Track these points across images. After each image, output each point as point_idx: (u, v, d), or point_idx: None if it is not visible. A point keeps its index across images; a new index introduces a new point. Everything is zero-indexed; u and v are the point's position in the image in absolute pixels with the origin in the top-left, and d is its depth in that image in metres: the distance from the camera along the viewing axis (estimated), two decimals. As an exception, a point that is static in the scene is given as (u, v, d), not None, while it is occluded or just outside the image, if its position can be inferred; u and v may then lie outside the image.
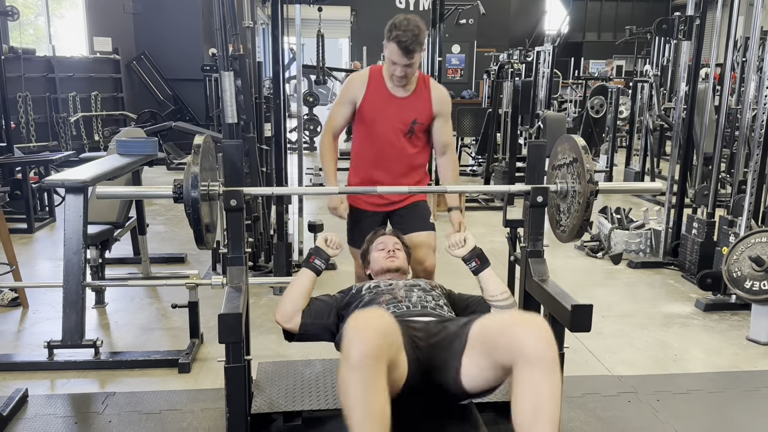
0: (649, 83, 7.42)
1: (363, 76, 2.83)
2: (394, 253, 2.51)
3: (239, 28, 4.34)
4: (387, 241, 2.57)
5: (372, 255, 2.58)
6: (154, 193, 2.34)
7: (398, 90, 2.78)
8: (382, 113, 2.78)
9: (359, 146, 2.92)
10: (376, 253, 2.54)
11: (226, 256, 2.35)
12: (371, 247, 2.60)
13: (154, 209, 6.59)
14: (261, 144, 4.83)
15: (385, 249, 2.52)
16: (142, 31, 10.82)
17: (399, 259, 2.51)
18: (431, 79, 2.90)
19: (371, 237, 2.65)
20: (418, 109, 2.81)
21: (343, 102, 2.85)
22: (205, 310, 3.63)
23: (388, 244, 2.55)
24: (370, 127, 2.82)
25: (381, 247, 2.55)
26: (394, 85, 2.77)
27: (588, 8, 21.52)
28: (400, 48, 2.57)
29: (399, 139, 2.82)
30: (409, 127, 2.81)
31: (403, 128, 2.80)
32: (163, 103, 10.83)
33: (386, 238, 2.60)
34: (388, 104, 2.78)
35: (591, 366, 3.17)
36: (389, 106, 2.78)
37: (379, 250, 2.54)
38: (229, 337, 1.97)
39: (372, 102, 2.79)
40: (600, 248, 5.05)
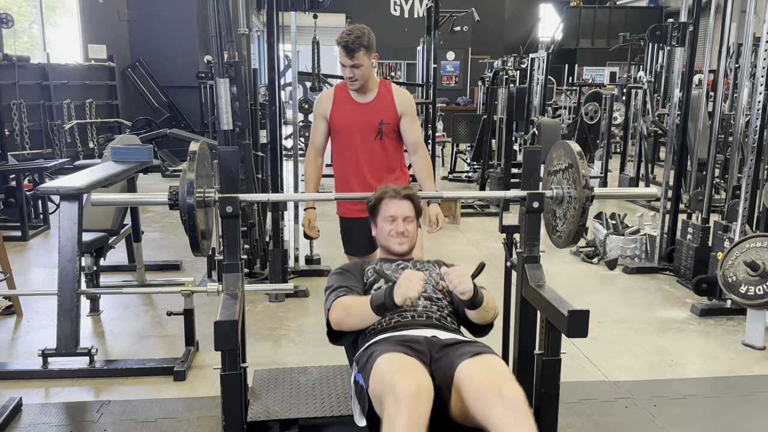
0: (643, 89, 7.45)
1: (329, 93, 3.06)
2: (404, 234, 2.30)
3: (234, 35, 4.35)
4: (398, 213, 2.31)
5: (380, 222, 2.35)
6: (150, 200, 2.33)
7: (361, 97, 2.97)
8: (350, 120, 2.97)
9: (337, 158, 3.10)
10: (385, 224, 2.32)
11: (222, 263, 2.35)
12: (380, 208, 2.34)
13: (150, 216, 6.57)
14: (256, 151, 4.83)
15: (396, 227, 2.30)
16: (137, 38, 10.82)
17: (408, 240, 2.32)
18: (392, 83, 3.09)
19: (381, 193, 2.35)
20: (382, 110, 2.97)
21: (317, 120, 3.06)
22: (201, 318, 3.62)
23: (398, 219, 2.31)
24: (342, 136, 3.01)
25: (391, 218, 2.31)
26: (355, 92, 2.96)
27: (582, 15, 21.58)
28: (343, 48, 2.82)
29: (371, 143, 2.99)
30: (377, 128, 2.98)
31: (371, 131, 2.97)
32: (158, 111, 10.81)
33: (398, 208, 2.31)
34: (354, 111, 2.97)
35: (588, 371, 3.16)
36: (355, 113, 2.97)
37: (388, 221, 2.31)
38: (225, 344, 1.96)
39: (339, 112, 2.99)
40: (595, 254, 5.06)
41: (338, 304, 2.10)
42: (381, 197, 2.33)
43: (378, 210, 2.34)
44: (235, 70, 4.25)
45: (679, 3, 4.44)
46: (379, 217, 2.34)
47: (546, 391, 2.27)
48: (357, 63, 2.83)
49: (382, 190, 2.35)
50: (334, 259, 4.90)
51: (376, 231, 2.36)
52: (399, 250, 2.31)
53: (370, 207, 2.37)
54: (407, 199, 2.33)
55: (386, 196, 2.33)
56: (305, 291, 4.28)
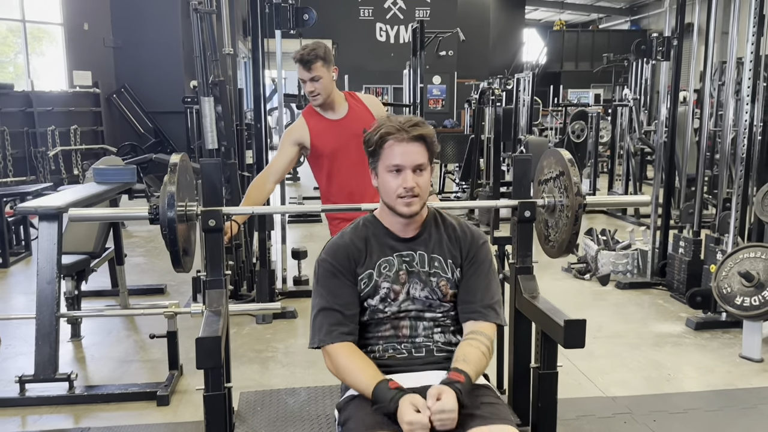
0: (629, 107, 7.49)
1: (299, 121, 2.95)
2: (413, 192, 1.69)
3: (219, 54, 4.31)
4: (406, 160, 1.69)
5: (381, 171, 1.74)
6: (130, 214, 2.27)
7: (334, 114, 2.92)
8: (335, 138, 2.88)
9: (328, 183, 2.95)
10: (388, 177, 1.72)
11: (205, 279, 2.27)
12: (382, 153, 1.73)
13: (134, 241, 6.46)
14: (243, 171, 4.77)
15: (404, 181, 1.69)
16: (122, 64, 10.80)
17: (419, 199, 1.72)
18: (356, 93, 3.06)
19: (384, 131, 1.72)
20: (361, 118, 2.91)
21: (285, 147, 2.91)
22: (185, 341, 3.51)
23: (407, 170, 1.69)
24: (330, 157, 2.89)
25: (396, 168, 1.71)
26: (326, 112, 2.91)
27: (565, 39, 21.94)
28: (299, 63, 2.80)
29: (361, 152, 2.85)
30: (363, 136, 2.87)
31: (359, 140, 2.85)
32: (143, 136, 10.75)
33: (407, 154, 1.69)
34: (336, 128, 2.89)
35: (584, 387, 3.09)
36: (337, 129, 2.89)
37: (393, 172, 1.71)
38: (207, 362, 1.87)
39: (320, 134, 2.89)
40: (587, 270, 5.01)
41: (333, 356, 1.71)
42: (383, 137, 1.71)
43: (379, 155, 1.74)
44: (219, 90, 4.21)
45: (660, 26, 4.50)
46: (381, 164, 1.74)
47: (543, 405, 2.19)
48: (315, 75, 2.79)
49: (385, 128, 1.72)
50: (322, 280, 4.80)
51: (377, 181, 1.78)
52: (407, 212, 1.72)
53: (369, 150, 1.78)
54: (418, 141, 1.70)
55: (390, 136, 1.70)
56: (293, 312, 4.19)
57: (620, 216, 7.50)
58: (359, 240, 1.81)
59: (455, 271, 1.81)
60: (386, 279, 1.78)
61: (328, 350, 1.73)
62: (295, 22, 4.11)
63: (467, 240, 1.84)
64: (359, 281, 1.78)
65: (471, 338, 1.74)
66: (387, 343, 1.80)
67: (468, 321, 1.79)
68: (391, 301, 1.78)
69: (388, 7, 17.64)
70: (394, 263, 1.79)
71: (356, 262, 1.79)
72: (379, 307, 1.78)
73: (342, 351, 1.71)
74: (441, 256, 1.81)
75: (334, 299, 1.75)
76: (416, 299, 1.79)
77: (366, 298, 1.78)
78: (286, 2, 4.13)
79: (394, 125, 1.72)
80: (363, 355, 1.73)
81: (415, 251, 1.80)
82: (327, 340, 1.72)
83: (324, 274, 1.79)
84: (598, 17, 24.54)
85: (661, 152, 4.80)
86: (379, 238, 1.81)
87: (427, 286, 1.79)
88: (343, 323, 1.74)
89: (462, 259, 1.82)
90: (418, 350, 1.79)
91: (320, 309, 1.77)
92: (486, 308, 1.79)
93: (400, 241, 1.81)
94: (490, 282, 1.83)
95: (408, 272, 1.79)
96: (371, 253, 1.80)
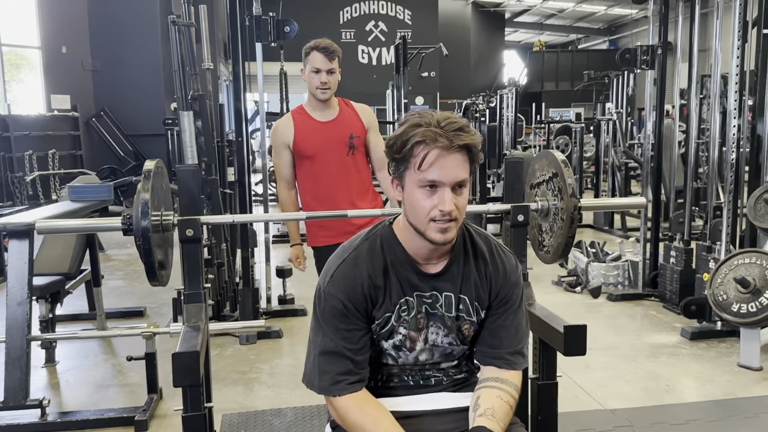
0: (612, 120, 7.49)
1: (286, 119, 2.90)
2: (451, 215, 1.35)
3: (198, 68, 4.22)
4: (447, 176, 1.33)
5: (410, 185, 1.37)
6: (102, 225, 2.14)
7: (324, 115, 2.86)
8: (317, 141, 2.83)
9: (307, 184, 2.91)
10: (421, 194, 1.36)
11: (183, 293, 2.14)
12: (413, 162, 1.35)
13: (113, 265, 6.29)
14: (224, 188, 4.65)
15: (442, 202, 1.33)
16: (101, 87, 10.68)
17: (455, 224, 1.37)
18: (350, 101, 2.99)
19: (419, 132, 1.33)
20: (349, 124, 2.87)
21: (278, 150, 2.88)
22: (165, 364, 3.34)
23: (446, 188, 1.34)
24: (312, 158, 2.84)
25: (431, 185, 1.34)
26: (318, 103, 2.83)
27: (545, 59, 22.17)
28: (322, 53, 2.76)
29: (343, 159, 2.85)
30: (349, 143, 2.86)
31: (344, 147, 2.85)
32: (123, 160, 10.59)
33: (447, 168, 1.33)
34: (321, 131, 2.84)
35: (582, 401, 2.98)
36: (323, 132, 2.84)
37: (426, 189, 1.35)
38: (185, 378, 1.75)
39: (305, 135, 2.83)
40: (578, 283, 4.92)
41: (339, 410, 1.44)
42: (420, 141, 1.33)
43: (408, 163, 1.36)
44: (199, 104, 4.11)
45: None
46: (410, 175, 1.36)
47: (543, 419, 2.08)
48: (333, 68, 2.78)
49: (421, 132, 1.33)
50: (308, 300, 4.66)
51: (400, 194, 1.41)
52: (441, 239, 1.37)
53: (395, 156, 1.38)
54: (462, 151, 1.34)
55: (428, 140, 1.32)
56: (279, 332, 4.04)
57: (607, 230, 7.46)
58: (378, 273, 1.45)
59: (480, 313, 1.51)
60: (404, 324, 1.47)
61: (333, 402, 1.45)
62: (276, 35, 4.02)
63: (499, 278, 1.50)
64: (375, 324, 1.47)
65: (497, 387, 1.47)
66: (391, 374, 1.55)
67: (490, 366, 1.51)
68: (407, 350, 1.50)
69: (369, 30, 17.73)
70: (413, 305, 1.47)
71: (374, 302, 1.45)
72: (391, 353, 1.51)
73: (351, 404, 1.43)
74: (468, 296, 1.49)
75: (343, 343, 1.43)
76: (437, 346, 1.51)
77: (379, 340, 1.49)
78: (267, 14, 4.05)
79: (433, 128, 1.33)
80: (376, 406, 1.44)
81: (441, 292, 1.48)
82: (333, 391, 1.43)
83: (331, 312, 1.43)
84: (576, 38, 24.91)
85: (648, 163, 4.76)
86: (400, 272, 1.46)
87: (451, 333, 1.50)
88: (352, 372, 1.43)
89: (491, 300, 1.51)
90: (427, 381, 1.55)
91: (325, 352, 1.44)
92: (513, 355, 1.51)
93: (424, 279, 1.47)
94: (520, 323, 1.54)
95: (428, 315, 1.48)
96: (390, 292, 1.45)
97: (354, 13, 17.56)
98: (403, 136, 1.35)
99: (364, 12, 17.53)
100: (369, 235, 1.50)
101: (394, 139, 1.38)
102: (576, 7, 20.66)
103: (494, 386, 1.48)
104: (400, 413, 1.47)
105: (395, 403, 1.51)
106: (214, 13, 6.85)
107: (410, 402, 1.53)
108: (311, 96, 2.84)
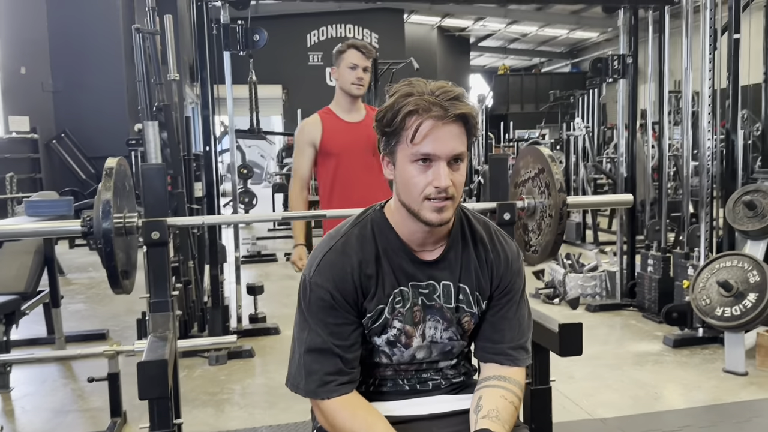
0: (582, 135, 7.52)
1: (313, 119, 2.88)
2: (447, 192, 1.22)
3: (164, 78, 4.08)
4: (442, 149, 1.21)
5: (401, 160, 1.25)
6: (61, 228, 1.98)
7: (351, 116, 2.86)
8: (345, 140, 2.82)
9: (330, 184, 2.87)
10: (414, 170, 1.23)
11: (148, 302, 1.98)
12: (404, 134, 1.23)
13: (74, 288, 6.02)
14: (192, 204, 4.48)
15: (437, 179, 1.21)
16: (62, 109, 10.36)
17: (452, 202, 1.25)
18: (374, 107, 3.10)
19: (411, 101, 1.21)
20: None
21: (303, 148, 2.86)
22: (129, 387, 3.14)
23: (440, 163, 1.22)
24: (338, 157, 2.83)
25: (425, 159, 1.22)
26: (347, 104, 2.84)
27: (510, 82, 22.45)
28: (360, 50, 2.77)
29: (369, 159, 2.79)
30: (374, 145, 2.75)
31: (369, 148, 2.80)
32: (85, 183, 10.26)
33: (442, 141, 1.21)
34: (349, 131, 2.83)
35: (570, 411, 2.87)
36: (351, 132, 2.83)
37: (420, 164, 1.23)
38: (152, 390, 1.59)
39: (332, 135, 2.83)
40: (555, 294, 4.85)
41: (328, 414, 1.30)
42: (413, 110, 1.21)
43: (399, 136, 1.24)
44: (165, 115, 3.96)
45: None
46: (402, 149, 1.25)
47: (538, 426, 1.98)
48: (368, 66, 2.79)
49: (413, 100, 1.21)
50: (280, 318, 4.50)
51: (391, 172, 1.29)
52: (436, 220, 1.25)
53: (386, 129, 1.26)
54: (459, 122, 1.23)
55: (420, 109, 1.20)
56: (250, 351, 3.86)
57: (579, 244, 7.45)
58: (369, 261, 1.31)
59: (481, 304, 1.38)
60: (399, 317, 1.34)
61: (321, 406, 1.31)
62: (245, 44, 3.91)
63: (501, 265, 1.38)
64: (367, 318, 1.33)
65: (500, 386, 1.34)
66: (384, 377, 1.42)
67: (491, 363, 1.38)
68: (402, 346, 1.36)
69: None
70: (408, 297, 1.33)
71: (365, 293, 1.31)
72: (385, 350, 1.37)
73: (341, 408, 1.29)
74: (468, 285, 1.36)
75: (332, 339, 1.29)
76: (435, 343, 1.37)
77: (371, 336, 1.35)
78: (235, 23, 3.94)
79: (426, 97, 1.20)
80: (368, 410, 1.31)
81: (438, 281, 1.35)
82: (321, 394, 1.29)
83: (318, 304, 1.29)
84: (540, 61, 25.33)
85: (621, 176, 4.76)
86: (393, 259, 1.33)
87: (451, 326, 1.37)
88: (342, 371, 1.30)
89: (492, 290, 1.38)
90: (423, 385, 1.42)
91: (312, 349, 1.30)
92: (516, 350, 1.38)
93: (419, 266, 1.34)
94: (522, 316, 1.41)
95: (425, 307, 1.35)
96: (383, 281, 1.32)
97: (321, 36, 17.57)
98: (394, 106, 1.23)
99: (332, 35, 17.55)
100: (358, 221, 1.37)
101: (384, 111, 1.25)
102: (539, 31, 21.04)
103: (497, 385, 1.34)
104: (395, 418, 1.33)
105: (389, 407, 1.37)
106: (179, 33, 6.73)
107: (405, 406, 1.39)
108: (342, 95, 2.83)
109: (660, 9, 4.39)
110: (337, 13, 17.31)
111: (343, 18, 17.52)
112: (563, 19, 19.04)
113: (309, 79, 17.38)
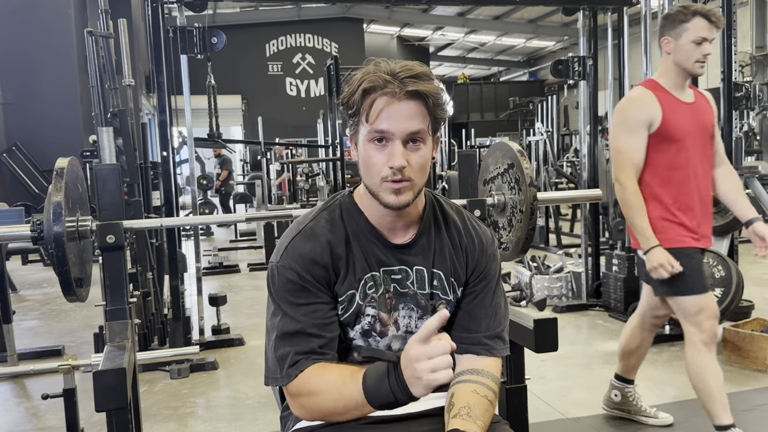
0: (543, 140, 7.60)
1: (642, 92, 2.37)
2: (403, 175, 1.18)
3: (118, 83, 3.95)
4: (395, 127, 1.17)
5: (363, 140, 1.21)
6: (9, 234, 1.86)
7: (684, 95, 2.38)
8: (688, 123, 2.34)
9: (666, 175, 2.34)
10: (372, 150, 1.19)
11: (105, 309, 1.88)
12: (363, 114, 1.19)
13: (27, 305, 5.78)
14: (149, 213, 4.34)
15: (393, 159, 1.17)
16: (13, 121, 10.02)
17: (409, 185, 1.20)
18: None
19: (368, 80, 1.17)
20: (708, 111, 2.43)
21: (635, 128, 2.32)
22: (88, 404, 3.00)
23: (395, 141, 1.17)
24: (680, 143, 2.33)
25: (382, 136, 1.18)
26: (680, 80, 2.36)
27: (469, 91, 22.67)
28: (709, 20, 2.25)
29: (707, 150, 2.40)
30: (711, 132, 2.42)
31: (708, 136, 2.40)
32: (38, 197, 9.91)
33: (397, 117, 1.17)
34: (690, 112, 2.36)
35: (543, 412, 2.84)
36: (691, 114, 2.36)
37: (375, 142, 1.19)
38: (110, 401, 1.50)
39: (674, 114, 2.32)
40: (522, 297, 4.85)
41: (299, 388, 1.22)
42: (369, 87, 1.17)
43: (359, 116, 1.21)
44: (120, 121, 3.84)
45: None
46: (362, 129, 1.21)
47: (514, 425, 1.92)
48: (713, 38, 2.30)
49: (369, 77, 1.17)
50: (244, 329, 4.39)
51: (355, 153, 1.25)
52: (393, 202, 1.20)
53: (349, 111, 1.22)
54: (416, 99, 1.18)
55: (376, 86, 1.17)
56: (214, 363, 3.74)
57: (543, 247, 7.50)
58: (338, 242, 1.26)
59: (456, 291, 1.33)
60: (372, 303, 1.28)
61: (293, 388, 1.21)
62: (203, 46, 3.81)
63: (475, 250, 1.34)
64: (339, 305, 1.27)
65: (472, 381, 1.27)
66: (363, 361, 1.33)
67: (467, 354, 1.31)
68: (377, 335, 1.30)
69: (297, 62, 17.68)
70: (380, 282, 1.28)
71: (336, 273, 1.26)
72: (359, 343, 1.30)
73: (312, 374, 1.20)
74: (443, 271, 1.32)
75: (305, 319, 1.22)
76: (411, 333, 1.30)
77: (345, 327, 1.28)
78: (192, 26, 3.84)
79: (382, 73, 1.16)
80: (341, 369, 1.21)
81: (411, 266, 1.30)
82: (293, 373, 1.20)
83: (287, 287, 1.23)
84: (498, 70, 25.66)
85: (583, 179, 4.80)
86: (363, 243, 1.28)
87: (426, 314, 1.32)
88: (314, 351, 1.21)
89: (467, 276, 1.34)
90: None
91: (284, 333, 1.22)
92: (493, 339, 1.32)
93: (390, 251, 1.29)
94: (499, 304, 1.35)
95: (397, 295, 1.30)
96: (354, 265, 1.27)
97: (280, 45, 17.48)
98: (354, 83, 1.19)
99: (291, 45, 17.48)
100: (326, 206, 1.33)
101: (347, 90, 1.21)
102: (497, 40, 21.32)
103: (469, 380, 1.28)
104: (369, 419, 1.25)
105: None
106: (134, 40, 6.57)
107: None
108: (675, 71, 2.33)
109: (619, 10, 4.44)
110: (296, 22, 17.27)
111: (302, 27, 17.49)
112: (520, 28, 19.33)
113: (268, 88, 17.27)
